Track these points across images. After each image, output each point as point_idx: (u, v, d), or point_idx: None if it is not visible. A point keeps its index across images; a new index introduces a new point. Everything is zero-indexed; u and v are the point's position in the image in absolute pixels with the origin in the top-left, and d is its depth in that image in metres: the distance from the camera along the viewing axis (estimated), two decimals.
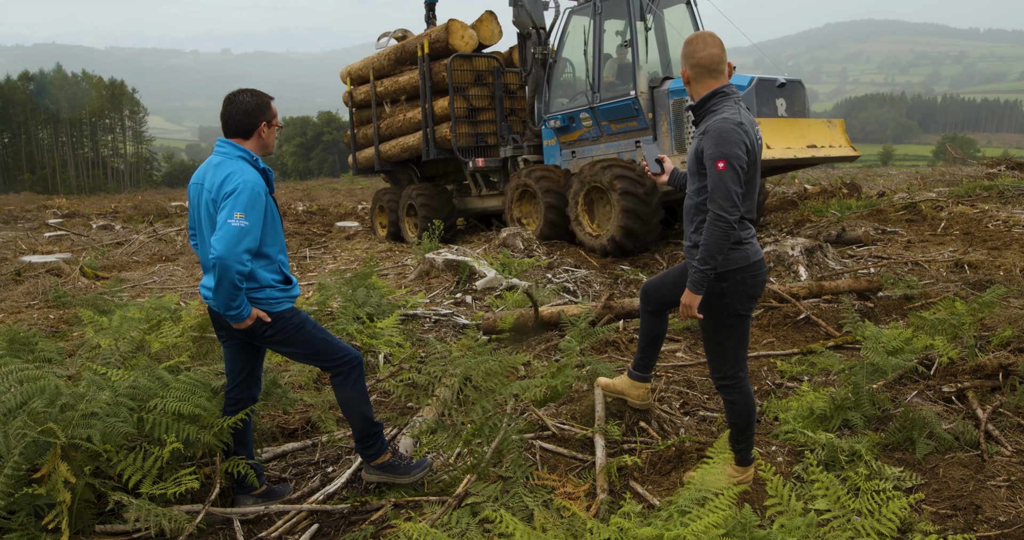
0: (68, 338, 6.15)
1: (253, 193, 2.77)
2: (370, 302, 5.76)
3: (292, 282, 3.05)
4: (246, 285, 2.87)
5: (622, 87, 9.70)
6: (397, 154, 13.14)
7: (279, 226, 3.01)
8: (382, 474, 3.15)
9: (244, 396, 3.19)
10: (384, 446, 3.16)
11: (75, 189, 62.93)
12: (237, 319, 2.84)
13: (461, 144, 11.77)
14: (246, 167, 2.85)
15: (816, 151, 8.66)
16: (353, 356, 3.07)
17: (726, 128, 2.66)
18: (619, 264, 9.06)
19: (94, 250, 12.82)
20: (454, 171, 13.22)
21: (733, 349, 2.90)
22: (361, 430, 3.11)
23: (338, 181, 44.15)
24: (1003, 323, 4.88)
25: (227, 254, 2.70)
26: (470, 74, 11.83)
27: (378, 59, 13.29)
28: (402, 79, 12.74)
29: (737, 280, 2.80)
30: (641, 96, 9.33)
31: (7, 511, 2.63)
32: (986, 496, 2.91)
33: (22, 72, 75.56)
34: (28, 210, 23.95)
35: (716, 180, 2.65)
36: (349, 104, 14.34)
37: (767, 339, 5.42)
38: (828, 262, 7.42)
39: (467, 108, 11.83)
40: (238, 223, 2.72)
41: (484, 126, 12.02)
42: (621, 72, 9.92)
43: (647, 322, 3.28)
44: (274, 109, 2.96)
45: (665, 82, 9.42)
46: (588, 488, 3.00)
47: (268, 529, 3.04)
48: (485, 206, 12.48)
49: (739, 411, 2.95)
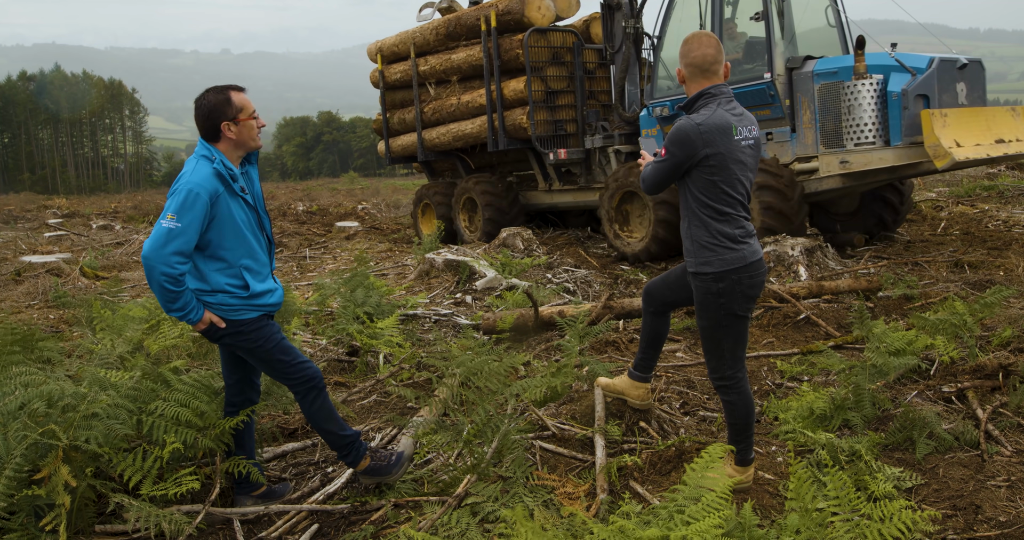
0: (68, 338, 6.15)
1: (191, 194, 2.67)
2: (370, 302, 5.75)
3: (258, 292, 2.90)
4: (196, 286, 2.82)
5: (752, 68, 8.37)
6: (448, 143, 11.48)
7: (246, 230, 2.86)
8: (369, 477, 3.19)
9: (238, 400, 3.16)
10: (361, 452, 3.15)
11: (75, 189, 62.91)
12: (187, 322, 2.79)
13: (539, 132, 10.15)
14: (201, 166, 2.75)
15: (1006, 147, 7.42)
16: (310, 377, 2.99)
17: (682, 126, 2.77)
18: (619, 264, 9.06)
19: (94, 250, 12.82)
20: (512, 161, 11.64)
21: (731, 350, 2.90)
22: (333, 442, 3.13)
23: (338, 181, 44.14)
24: (1003, 323, 4.88)
25: (152, 255, 2.64)
26: (546, 51, 10.26)
27: (421, 33, 11.49)
28: (456, 57, 11.06)
29: (734, 281, 2.80)
30: (778, 79, 8.06)
31: (7, 512, 2.63)
32: (986, 496, 2.91)
33: (21, 72, 75.54)
34: (28, 210, 23.94)
35: (653, 164, 2.86)
36: (380, 85, 12.60)
37: (767, 339, 5.42)
38: (828, 262, 7.41)
39: (544, 91, 10.22)
40: (168, 224, 2.66)
41: (562, 112, 10.40)
42: (750, 50, 8.54)
43: (649, 323, 3.28)
44: (238, 103, 2.80)
45: (807, 63, 8.10)
46: (588, 488, 3.00)
47: (268, 529, 3.04)
48: (554, 202, 10.97)
49: (738, 411, 2.95)
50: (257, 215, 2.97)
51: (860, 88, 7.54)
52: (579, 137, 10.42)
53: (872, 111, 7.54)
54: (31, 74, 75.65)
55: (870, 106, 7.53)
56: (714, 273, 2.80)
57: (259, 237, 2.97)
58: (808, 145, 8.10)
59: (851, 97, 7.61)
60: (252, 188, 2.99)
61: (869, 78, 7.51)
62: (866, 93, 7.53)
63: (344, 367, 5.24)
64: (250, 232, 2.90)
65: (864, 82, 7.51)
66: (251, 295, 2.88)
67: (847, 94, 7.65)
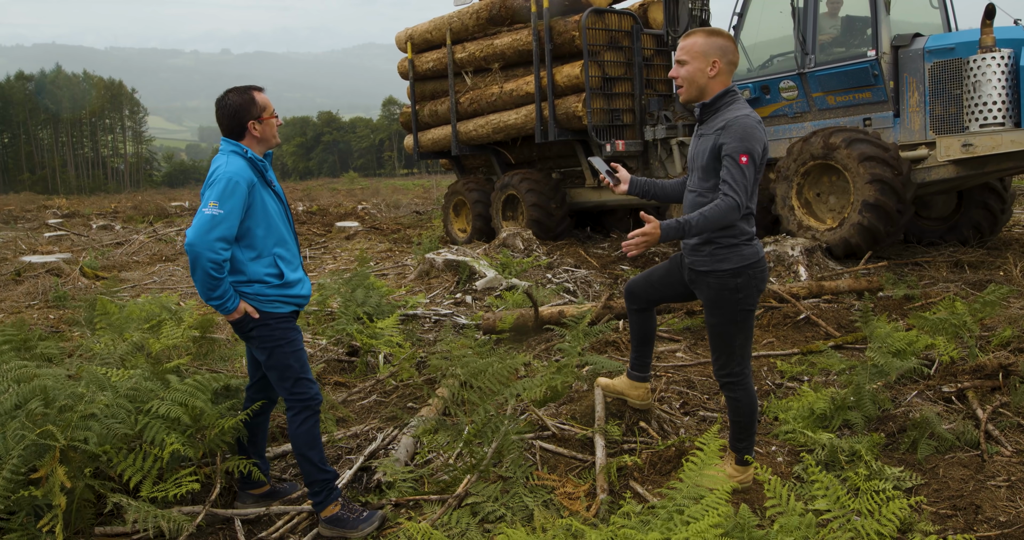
0: (68, 338, 6.15)
1: (230, 183, 2.75)
2: (370, 302, 5.75)
3: (291, 281, 2.96)
4: (234, 278, 2.86)
5: (852, 47, 7.75)
6: (487, 135, 10.74)
7: (277, 220, 2.94)
8: (331, 528, 2.93)
9: (259, 396, 3.19)
10: (332, 497, 2.96)
11: (75, 189, 62.96)
12: (223, 311, 2.83)
13: (596, 122, 9.45)
14: (234, 159, 2.83)
15: None
16: (311, 397, 2.96)
17: (751, 125, 2.69)
18: (620, 264, 9.05)
19: (94, 250, 12.82)
20: (555, 157, 10.95)
21: (741, 346, 2.91)
22: (307, 474, 2.94)
23: (338, 181, 44.17)
24: (1003, 323, 4.88)
25: (197, 241, 2.69)
26: (604, 34, 9.53)
27: (459, 18, 10.82)
28: (500, 42, 10.37)
29: (749, 276, 2.82)
30: (883, 58, 7.39)
31: (6, 512, 2.63)
32: (986, 496, 2.91)
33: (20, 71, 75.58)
34: (28, 210, 23.95)
35: (738, 173, 2.66)
36: (409, 75, 11.94)
37: (767, 339, 5.42)
38: (828, 262, 7.41)
39: (600, 77, 9.51)
40: (211, 211, 2.72)
41: (619, 100, 9.69)
42: (847, 27, 7.96)
43: (636, 321, 3.27)
44: (261, 103, 2.89)
45: (916, 40, 7.42)
46: (588, 488, 3.00)
47: (268, 529, 3.04)
48: (603, 200, 10.23)
49: (743, 408, 2.94)
50: (285, 207, 3.05)
51: (987, 63, 6.80)
52: (636, 128, 9.79)
53: (1001, 88, 6.77)
54: (30, 74, 75.67)
55: (999, 83, 6.77)
56: (732, 269, 2.80)
57: (290, 228, 3.04)
58: (915, 131, 7.41)
59: (976, 73, 6.84)
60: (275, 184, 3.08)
61: (998, 52, 6.78)
62: (995, 68, 6.78)
63: (344, 367, 5.24)
64: (281, 222, 2.97)
65: (992, 56, 6.78)
66: (285, 283, 2.93)
67: (970, 70, 6.91)
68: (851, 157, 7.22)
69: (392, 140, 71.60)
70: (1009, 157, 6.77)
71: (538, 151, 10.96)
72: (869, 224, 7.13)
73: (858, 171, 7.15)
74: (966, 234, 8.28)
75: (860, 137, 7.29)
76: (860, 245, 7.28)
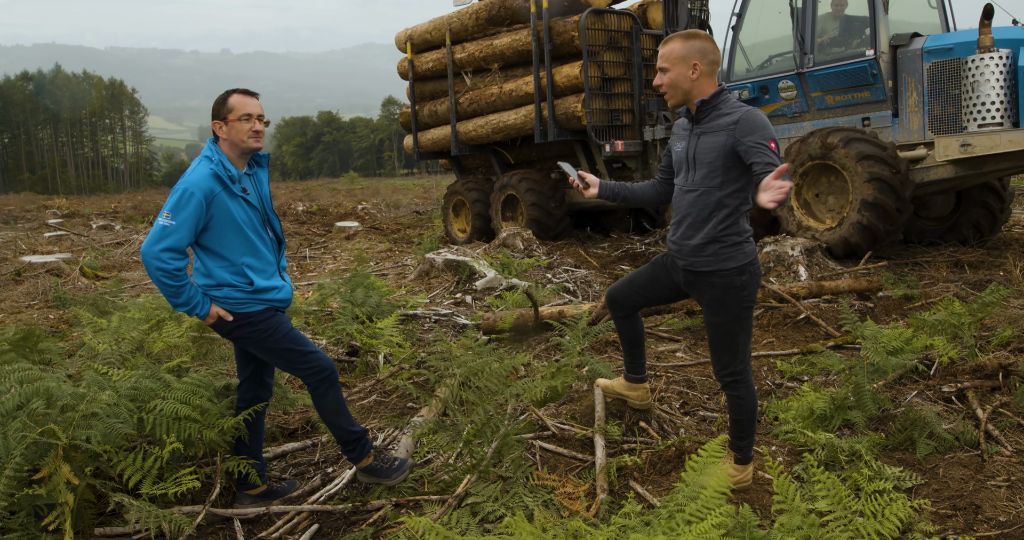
0: (68, 338, 6.15)
1: (185, 194, 2.76)
2: (369, 302, 5.76)
3: (263, 288, 2.95)
4: (204, 282, 2.90)
5: (851, 46, 7.81)
6: (486, 135, 10.85)
7: (247, 229, 2.91)
8: (368, 476, 3.23)
9: (249, 396, 3.20)
10: (365, 450, 3.19)
11: (75, 189, 62.97)
12: (195, 316, 2.88)
13: (595, 122, 9.57)
14: (200, 168, 2.84)
15: None
16: (322, 367, 3.03)
17: (763, 115, 2.72)
18: (620, 264, 9.05)
19: (94, 250, 12.82)
20: (554, 156, 10.99)
21: (744, 344, 2.91)
22: (340, 437, 3.17)
23: (338, 181, 44.17)
24: (1003, 323, 4.88)
25: (145, 251, 2.75)
26: (603, 35, 9.67)
27: (458, 19, 10.93)
28: (500, 42, 10.48)
29: (751, 272, 2.84)
30: (881, 58, 7.45)
31: (8, 511, 2.63)
32: (986, 496, 2.92)
33: (21, 72, 75.58)
34: (28, 210, 23.95)
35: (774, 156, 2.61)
36: (409, 75, 12.01)
37: (767, 339, 5.42)
38: (828, 262, 7.41)
39: (600, 78, 9.65)
40: (163, 222, 2.76)
41: (618, 100, 9.83)
42: (846, 27, 8.01)
43: (623, 327, 3.26)
44: (232, 104, 2.87)
45: (915, 40, 7.47)
46: (588, 488, 3.00)
47: (268, 529, 3.04)
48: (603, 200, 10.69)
49: (744, 407, 2.94)
50: (261, 215, 3.01)
51: (986, 63, 6.86)
52: (636, 128, 9.91)
53: (999, 88, 6.83)
54: (31, 74, 75.68)
55: (997, 83, 6.83)
56: (737, 267, 2.80)
57: (263, 236, 3.01)
58: (913, 131, 7.45)
59: (974, 73, 6.90)
60: (260, 189, 3.05)
61: (996, 52, 6.85)
62: (994, 68, 6.84)
63: (344, 367, 5.24)
64: (252, 231, 2.94)
65: (991, 56, 6.84)
66: (256, 290, 2.94)
67: (969, 70, 6.97)
68: (849, 156, 7.24)
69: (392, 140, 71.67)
70: (1007, 157, 6.80)
71: (537, 151, 11.03)
72: (868, 223, 7.16)
73: (856, 170, 7.17)
74: (965, 234, 8.32)
75: (858, 136, 7.31)
76: (860, 244, 7.30)
